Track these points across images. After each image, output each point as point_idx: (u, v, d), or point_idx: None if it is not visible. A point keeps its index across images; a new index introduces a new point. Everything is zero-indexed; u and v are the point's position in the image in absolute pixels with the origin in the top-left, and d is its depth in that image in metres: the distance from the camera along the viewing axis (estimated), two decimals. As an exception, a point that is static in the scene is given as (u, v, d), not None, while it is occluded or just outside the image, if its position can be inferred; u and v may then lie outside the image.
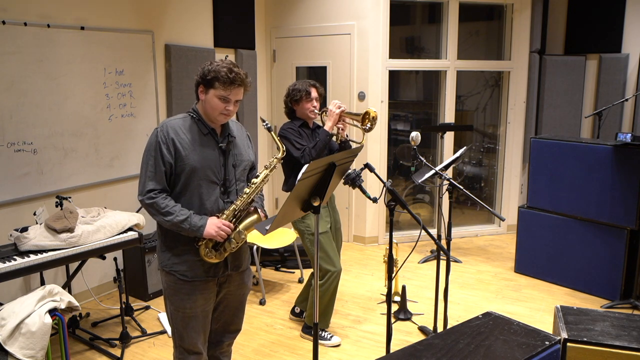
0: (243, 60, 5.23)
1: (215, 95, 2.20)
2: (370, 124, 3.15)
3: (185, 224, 2.18)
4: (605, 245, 4.00)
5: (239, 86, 2.21)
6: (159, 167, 2.19)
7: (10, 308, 2.64)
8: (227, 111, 2.23)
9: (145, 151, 2.25)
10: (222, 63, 2.21)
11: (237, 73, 2.19)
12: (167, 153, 2.19)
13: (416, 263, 4.90)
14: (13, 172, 3.46)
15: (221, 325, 2.51)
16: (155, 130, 2.24)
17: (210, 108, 2.23)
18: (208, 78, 2.19)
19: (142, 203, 2.23)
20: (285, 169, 3.33)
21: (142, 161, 2.24)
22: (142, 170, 2.24)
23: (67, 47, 3.71)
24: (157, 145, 2.19)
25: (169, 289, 2.33)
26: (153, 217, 2.24)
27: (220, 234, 2.22)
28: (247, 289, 2.52)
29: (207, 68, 2.20)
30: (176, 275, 2.28)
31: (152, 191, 2.20)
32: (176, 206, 2.20)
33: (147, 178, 2.20)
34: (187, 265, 2.28)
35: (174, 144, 2.19)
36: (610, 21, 5.42)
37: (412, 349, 1.77)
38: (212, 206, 2.27)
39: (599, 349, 2.02)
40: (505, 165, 5.71)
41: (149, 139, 2.26)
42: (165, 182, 2.22)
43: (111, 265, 4.05)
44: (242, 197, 2.29)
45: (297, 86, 3.32)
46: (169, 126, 2.23)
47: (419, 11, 5.75)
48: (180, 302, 2.30)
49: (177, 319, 2.34)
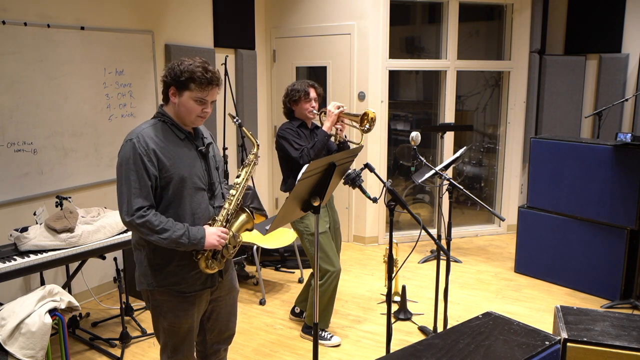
0: (243, 60, 5.23)
1: (191, 97, 2.05)
2: (369, 125, 3.15)
3: (184, 239, 2.03)
4: (605, 245, 4.00)
5: (216, 86, 2.08)
6: (144, 182, 2.01)
7: (10, 308, 2.64)
8: (204, 113, 2.10)
9: (120, 166, 2.04)
10: (194, 62, 2.05)
11: (213, 72, 2.06)
12: (150, 165, 2.01)
13: (416, 263, 4.90)
14: (13, 172, 3.46)
15: (216, 334, 2.38)
16: (130, 142, 2.03)
17: (186, 111, 2.08)
18: (182, 79, 2.03)
19: (131, 224, 2.01)
20: (284, 169, 3.33)
21: (121, 177, 2.03)
22: (122, 187, 2.02)
23: (67, 47, 3.71)
24: (138, 158, 2.00)
25: (163, 308, 2.17)
26: (145, 238, 2.05)
27: (221, 242, 2.11)
28: (237, 291, 2.41)
29: (179, 68, 2.04)
30: (172, 293, 2.14)
31: (141, 209, 2.00)
32: (169, 221, 2.04)
33: (132, 195, 2.00)
34: (185, 280, 2.14)
35: (156, 154, 2.02)
36: (610, 21, 5.42)
37: (412, 349, 1.77)
38: (204, 214, 2.15)
39: (599, 349, 2.02)
40: (505, 165, 5.71)
41: (122, 152, 2.05)
42: (152, 198, 2.04)
43: (111, 265, 4.05)
44: (230, 200, 2.18)
45: (295, 86, 3.32)
46: (145, 135, 2.04)
47: (419, 11, 5.75)
48: (176, 318, 2.17)
49: (171, 334, 2.21)
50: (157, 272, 2.13)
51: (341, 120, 3.25)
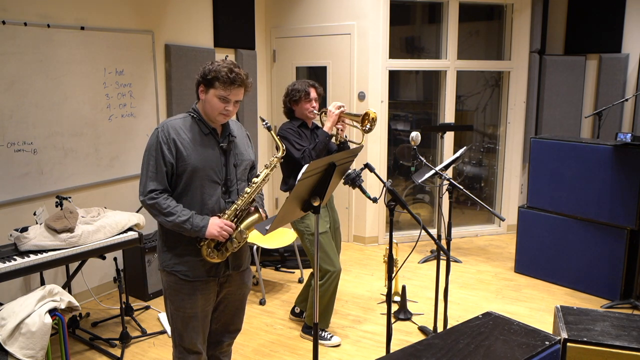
0: (243, 60, 5.23)
1: (215, 95, 2.20)
2: (369, 125, 3.15)
3: (187, 225, 2.18)
4: (605, 245, 4.00)
5: (239, 86, 2.21)
6: (160, 167, 2.19)
7: (10, 308, 2.65)
8: (227, 111, 2.23)
9: (145, 151, 2.24)
10: (222, 63, 2.21)
11: (238, 73, 2.19)
12: (168, 153, 2.18)
13: (416, 263, 4.90)
14: (13, 172, 3.46)
15: (221, 325, 2.51)
16: (156, 131, 2.23)
17: (210, 108, 2.23)
18: (208, 78, 2.19)
19: (144, 203, 2.23)
20: (285, 169, 3.33)
21: (143, 161, 2.24)
22: (142, 170, 2.23)
23: (67, 47, 3.71)
24: (158, 145, 2.19)
25: (170, 289, 2.33)
26: (154, 218, 2.24)
27: (222, 234, 2.22)
28: (247, 288, 2.52)
29: (208, 68, 2.20)
30: (177, 276, 2.28)
31: (154, 191, 2.19)
32: (178, 206, 2.20)
33: (148, 178, 2.20)
34: (188, 265, 2.28)
35: (175, 144, 2.19)
36: (610, 21, 5.42)
37: (412, 349, 1.77)
38: (214, 206, 2.27)
39: (599, 349, 2.02)
40: (505, 165, 5.71)
41: (149, 139, 2.25)
42: (166, 183, 2.22)
43: (111, 265, 4.05)
44: (243, 197, 2.30)
45: (296, 86, 3.32)
46: (170, 126, 2.22)
47: (419, 11, 5.75)
48: (180, 302, 2.30)
49: (177, 318, 2.34)
50: (167, 253, 2.31)
51: (342, 121, 3.25)
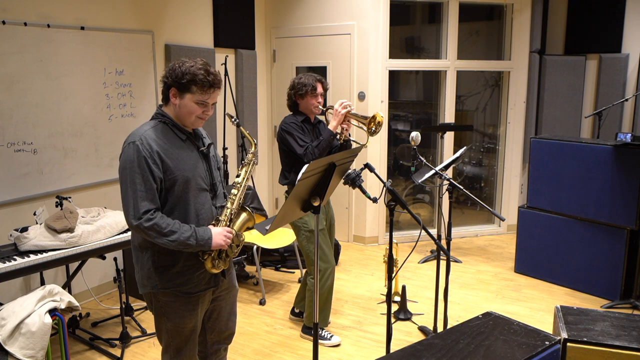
0: (243, 60, 5.23)
1: (192, 100, 2.04)
2: (375, 128, 3.11)
3: (191, 240, 2.02)
4: (605, 245, 4.00)
5: (217, 89, 2.08)
6: (150, 185, 2.00)
7: (10, 308, 2.65)
8: (205, 115, 2.09)
9: (124, 169, 2.01)
10: (196, 64, 2.04)
11: (215, 75, 2.05)
12: (155, 168, 2.00)
13: (416, 263, 4.90)
14: (13, 172, 3.46)
15: (216, 334, 2.39)
16: (133, 145, 2.00)
17: (187, 113, 2.07)
18: (183, 81, 2.01)
19: (139, 227, 1.99)
20: (285, 163, 3.29)
21: (125, 181, 2.01)
22: (127, 191, 2.00)
23: (67, 47, 3.71)
24: (142, 161, 1.98)
25: (167, 308, 2.17)
26: (153, 240, 2.03)
27: (227, 242, 2.12)
28: (236, 289, 2.42)
29: (180, 70, 2.02)
30: (178, 294, 2.13)
31: (149, 211, 1.99)
32: (176, 223, 2.03)
33: (138, 198, 1.98)
34: (191, 281, 2.14)
35: (160, 156, 2.01)
36: (610, 21, 5.42)
37: (412, 349, 1.77)
38: (207, 214, 2.15)
39: (599, 349, 2.03)
40: (505, 165, 5.71)
41: (125, 155, 2.02)
42: (158, 200, 2.03)
43: (111, 265, 4.05)
44: (232, 199, 2.19)
45: (302, 80, 3.24)
46: (148, 137, 2.02)
47: (419, 11, 5.75)
48: (180, 319, 2.17)
49: (176, 336, 2.21)
50: (162, 274, 2.12)
51: (348, 120, 3.22)
